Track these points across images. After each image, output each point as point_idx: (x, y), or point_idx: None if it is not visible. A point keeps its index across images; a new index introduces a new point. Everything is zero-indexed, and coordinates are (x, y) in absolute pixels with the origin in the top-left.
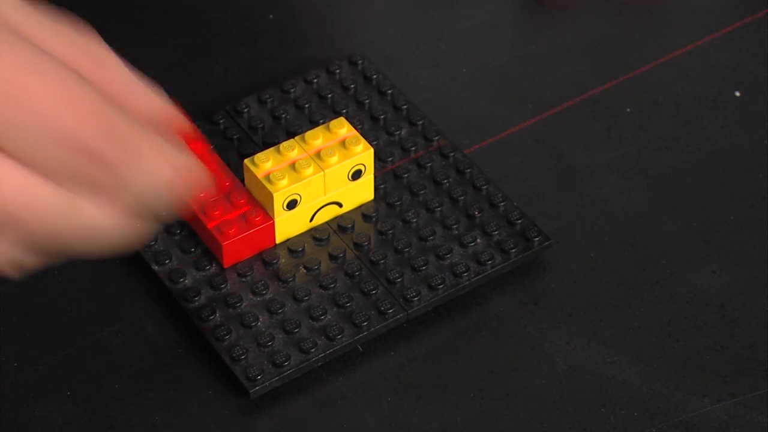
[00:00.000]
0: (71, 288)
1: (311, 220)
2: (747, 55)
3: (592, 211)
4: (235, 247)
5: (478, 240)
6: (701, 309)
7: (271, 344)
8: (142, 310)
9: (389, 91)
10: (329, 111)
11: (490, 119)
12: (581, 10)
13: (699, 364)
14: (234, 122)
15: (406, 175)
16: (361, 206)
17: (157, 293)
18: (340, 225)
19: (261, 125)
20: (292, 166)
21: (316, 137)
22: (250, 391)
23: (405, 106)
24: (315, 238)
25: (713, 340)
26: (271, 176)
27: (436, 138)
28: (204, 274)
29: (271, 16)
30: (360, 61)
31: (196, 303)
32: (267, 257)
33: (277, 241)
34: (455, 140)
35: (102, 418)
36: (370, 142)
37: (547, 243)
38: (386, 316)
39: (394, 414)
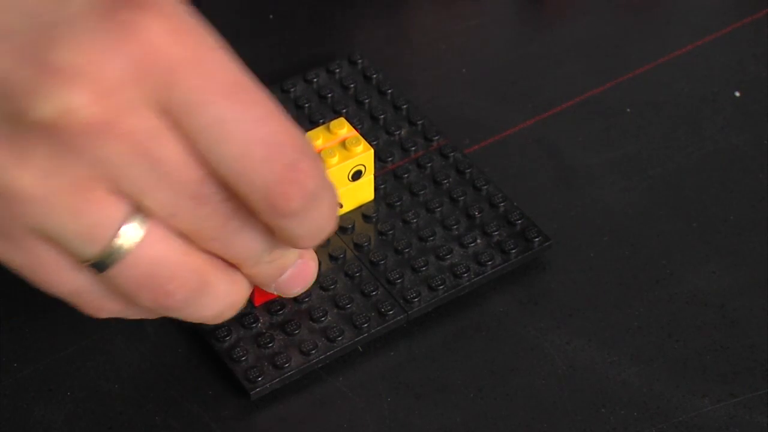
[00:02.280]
0: None
1: None
2: (747, 55)
3: (592, 211)
4: None
5: (478, 240)
6: (701, 309)
7: (272, 345)
8: None
9: (389, 91)
10: (329, 111)
11: (490, 119)
12: (581, 10)
13: (699, 364)
14: None
15: (406, 176)
16: (361, 206)
17: None
18: (340, 225)
19: None
20: None
21: (317, 138)
22: (251, 393)
23: (405, 106)
24: None
25: (713, 340)
26: None
27: (436, 138)
28: None
29: (271, 16)
30: (360, 61)
31: None
32: None
33: None
34: (455, 140)
35: (102, 418)
36: (370, 142)
37: (547, 243)
38: (386, 318)
39: (394, 414)
